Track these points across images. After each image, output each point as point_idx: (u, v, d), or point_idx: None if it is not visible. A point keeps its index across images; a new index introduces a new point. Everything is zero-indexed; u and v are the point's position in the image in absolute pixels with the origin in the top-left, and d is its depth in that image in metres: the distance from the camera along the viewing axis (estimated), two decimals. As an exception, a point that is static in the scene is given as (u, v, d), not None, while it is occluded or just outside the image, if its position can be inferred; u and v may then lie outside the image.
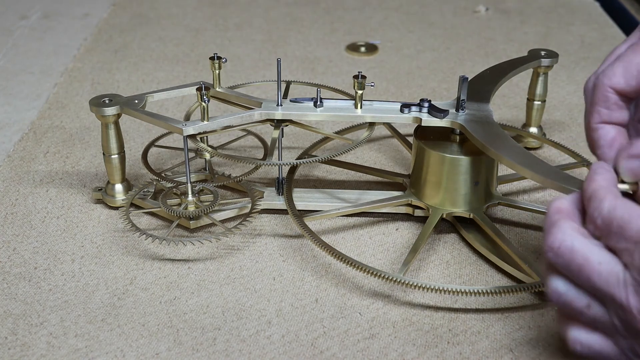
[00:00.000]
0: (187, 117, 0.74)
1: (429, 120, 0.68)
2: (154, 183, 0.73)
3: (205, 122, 0.67)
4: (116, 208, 0.73)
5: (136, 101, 0.70)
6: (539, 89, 0.81)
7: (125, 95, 0.71)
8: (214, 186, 0.71)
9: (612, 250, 0.49)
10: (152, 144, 0.78)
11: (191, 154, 0.76)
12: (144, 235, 0.66)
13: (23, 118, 0.90)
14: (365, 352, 0.58)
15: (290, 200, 0.70)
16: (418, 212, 0.71)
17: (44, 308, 0.62)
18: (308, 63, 1.05)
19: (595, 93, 0.56)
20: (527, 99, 0.83)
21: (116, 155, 0.71)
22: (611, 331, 0.49)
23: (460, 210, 0.69)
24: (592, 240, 0.49)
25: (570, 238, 0.49)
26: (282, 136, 0.71)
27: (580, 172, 0.79)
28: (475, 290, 0.60)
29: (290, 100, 0.70)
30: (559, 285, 0.50)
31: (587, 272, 0.48)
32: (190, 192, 0.69)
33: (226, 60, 0.72)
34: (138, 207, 0.72)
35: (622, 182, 0.52)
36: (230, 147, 0.82)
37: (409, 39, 1.13)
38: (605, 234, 0.49)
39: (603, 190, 0.50)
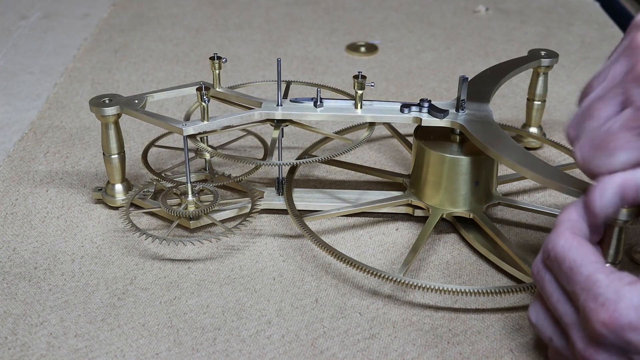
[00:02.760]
0: (187, 117, 0.74)
1: (429, 120, 0.68)
2: (154, 183, 0.73)
3: (205, 122, 0.67)
4: (116, 208, 0.73)
5: (136, 101, 0.70)
6: (539, 89, 0.81)
7: (125, 95, 0.71)
8: (214, 186, 0.71)
9: (565, 289, 0.51)
10: (152, 144, 0.78)
11: (191, 154, 0.76)
12: (144, 235, 0.66)
13: (23, 118, 0.90)
14: (365, 352, 0.58)
15: (290, 200, 0.70)
16: (418, 212, 0.71)
17: (44, 308, 0.62)
18: (308, 63, 1.05)
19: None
20: (527, 99, 0.83)
21: (116, 155, 0.71)
22: None
23: (460, 210, 0.69)
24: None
25: (544, 271, 0.52)
26: (282, 136, 0.71)
27: (580, 172, 0.78)
28: (475, 290, 0.60)
29: (290, 100, 0.70)
30: (532, 315, 0.54)
31: (550, 304, 0.52)
32: (190, 192, 0.69)
33: (226, 60, 0.72)
34: (138, 207, 0.72)
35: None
36: (230, 147, 0.82)
37: (409, 39, 1.13)
38: (556, 269, 0.51)
39: (566, 225, 0.52)
